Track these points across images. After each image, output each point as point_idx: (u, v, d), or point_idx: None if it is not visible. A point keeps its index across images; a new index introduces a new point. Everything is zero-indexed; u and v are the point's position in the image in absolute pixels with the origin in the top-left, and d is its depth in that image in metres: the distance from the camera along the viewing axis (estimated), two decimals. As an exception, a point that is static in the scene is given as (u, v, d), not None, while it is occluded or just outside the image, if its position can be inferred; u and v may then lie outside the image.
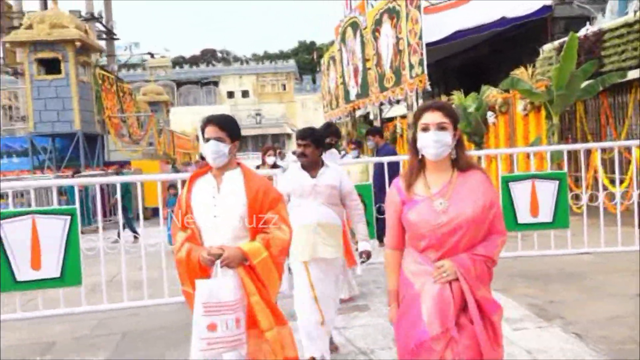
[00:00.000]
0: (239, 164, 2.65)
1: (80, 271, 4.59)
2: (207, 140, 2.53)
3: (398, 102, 17.37)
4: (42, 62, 13.12)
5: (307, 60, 73.64)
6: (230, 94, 60.62)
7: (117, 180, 6.49)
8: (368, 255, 3.56)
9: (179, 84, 60.26)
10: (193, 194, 2.60)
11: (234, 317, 2.40)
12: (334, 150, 5.47)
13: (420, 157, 2.15)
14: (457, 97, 13.69)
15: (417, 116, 2.18)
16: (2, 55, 18.55)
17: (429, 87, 14.50)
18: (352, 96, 20.63)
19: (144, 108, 21.31)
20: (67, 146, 14.08)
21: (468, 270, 2.05)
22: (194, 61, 73.51)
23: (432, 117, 2.12)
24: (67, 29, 12.71)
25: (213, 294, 2.39)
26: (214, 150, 2.51)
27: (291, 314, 3.54)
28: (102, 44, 19.52)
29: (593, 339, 3.69)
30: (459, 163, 2.14)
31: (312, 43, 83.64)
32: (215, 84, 61.35)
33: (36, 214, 4.45)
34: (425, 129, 2.11)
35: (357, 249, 3.78)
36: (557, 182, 5.50)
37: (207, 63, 67.30)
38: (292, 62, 65.30)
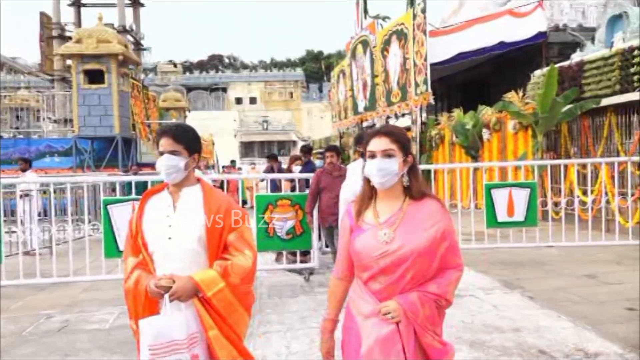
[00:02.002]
0: (199, 180, 2.34)
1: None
2: (161, 153, 2.22)
3: (403, 115, 18.75)
4: (87, 72, 14.72)
5: (314, 69, 75.20)
6: (239, 100, 61.44)
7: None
8: None
9: (189, 89, 61.60)
10: (145, 213, 2.27)
11: (189, 355, 2.07)
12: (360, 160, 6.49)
13: (372, 183, 2.01)
14: (457, 114, 15.27)
15: (367, 141, 2.04)
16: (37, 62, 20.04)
17: (432, 102, 16.08)
18: (360, 109, 22.12)
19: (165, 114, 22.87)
20: (103, 148, 15.63)
21: (416, 312, 1.88)
22: (201, 66, 75.14)
23: (378, 144, 1.98)
24: (111, 44, 14.31)
25: (161, 334, 2.05)
26: (167, 165, 2.19)
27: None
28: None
29: (541, 299, 5.17)
30: (411, 191, 1.99)
31: (320, 52, 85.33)
32: (224, 90, 62.32)
33: (134, 200, 5.97)
34: (372, 156, 1.99)
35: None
36: (529, 189, 7.02)
37: (215, 69, 68.86)
38: (299, 70, 66.36)
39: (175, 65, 42.04)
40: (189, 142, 2.25)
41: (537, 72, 13.96)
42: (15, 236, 6.95)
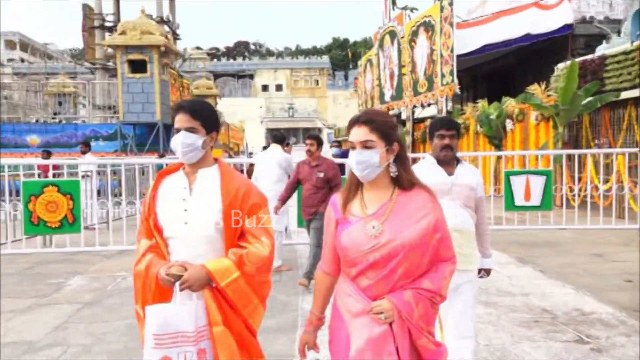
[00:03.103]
0: (216, 160, 2.20)
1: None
2: (178, 130, 2.08)
3: (429, 105, 19.26)
4: (130, 62, 15.67)
5: (340, 56, 75.49)
6: (265, 87, 61.63)
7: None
8: (488, 273, 3.17)
9: (216, 76, 62.44)
10: (159, 195, 2.15)
11: (195, 349, 1.97)
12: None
13: None
14: (481, 104, 15.79)
15: (347, 131, 1.94)
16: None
17: (458, 92, 16.58)
18: (387, 97, 22.70)
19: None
20: (145, 133, 16.63)
21: (411, 312, 1.78)
22: (227, 53, 76.00)
23: (357, 134, 1.87)
24: (154, 36, 15.22)
25: (168, 323, 1.95)
26: (184, 142, 2.05)
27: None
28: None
29: (550, 272, 5.86)
30: (400, 181, 1.87)
31: (346, 40, 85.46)
32: (251, 77, 62.85)
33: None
34: (353, 147, 1.88)
35: None
36: (545, 177, 7.66)
37: (241, 55, 69.49)
38: (325, 58, 66.45)
39: (216, 55, 42.58)
40: (206, 118, 2.10)
41: (561, 65, 14.36)
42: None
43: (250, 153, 25.95)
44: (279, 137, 6.83)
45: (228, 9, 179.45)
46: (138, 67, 15.65)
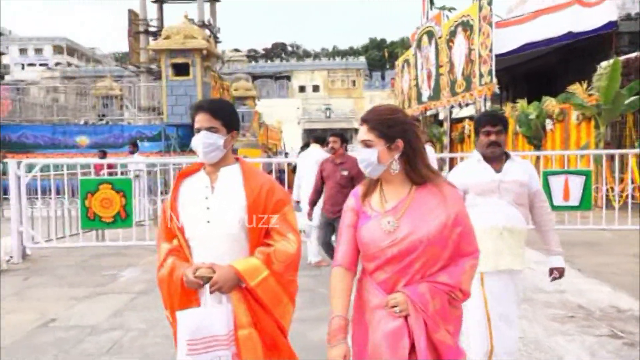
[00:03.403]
0: (237, 159, 2.18)
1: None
2: (198, 130, 2.06)
3: (467, 105, 19.21)
4: (174, 65, 16.25)
5: (377, 57, 75.51)
6: (302, 88, 61.91)
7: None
8: (561, 273, 2.98)
9: (254, 77, 63.33)
10: (181, 195, 2.12)
11: (229, 352, 1.96)
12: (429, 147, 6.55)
13: None
14: (520, 104, 15.65)
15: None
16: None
17: (497, 91, 16.44)
18: (424, 98, 22.69)
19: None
20: (187, 135, 17.17)
21: (425, 304, 1.75)
22: (265, 54, 77.03)
23: (359, 133, 1.89)
24: (197, 40, 15.77)
25: (200, 328, 1.93)
26: (205, 142, 2.03)
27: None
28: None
29: (587, 271, 5.90)
30: (412, 177, 1.86)
31: (383, 40, 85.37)
32: (288, 78, 63.47)
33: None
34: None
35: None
36: (584, 177, 7.64)
37: (278, 57, 70.25)
38: (362, 59, 66.52)
39: (253, 57, 43.40)
40: (227, 117, 2.09)
41: (604, 64, 14.08)
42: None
43: (287, 153, 26.36)
44: (319, 136, 7.09)
45: (265, 10, 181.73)
46: (181, 70, 16.22)
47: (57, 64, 67.58)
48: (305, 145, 9.84)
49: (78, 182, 7.20)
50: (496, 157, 2.88)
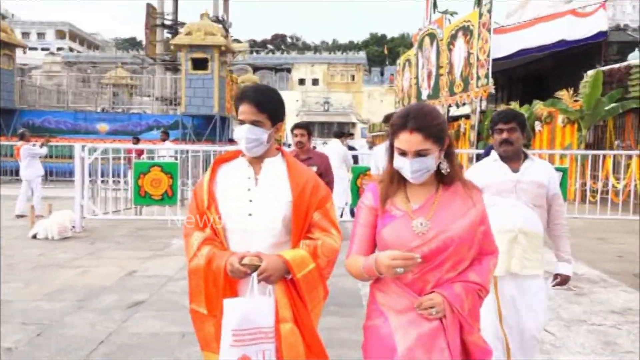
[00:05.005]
0: (279, 149, 2.08)
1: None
2: (242, 122, 1.94)
3: (464, 104, 20.41)
4: (193, 60, 17.41)
5: (377, 52, 76.32)
6: (302, 81, 62.37)
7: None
8: (565, 280, 2.87)
9: (254, 68, 63.79)
10: (219, 184, 2.01)
11: (273, 346, 1.85)
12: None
13: None
14: (513, 106, 16.92)
15: (393, 131, 1.79)
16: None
17: (493, 92, 17.62)
18: (424, 96, 23.86)
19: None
20: (202, 124, 18.38)
21: (462, 305, 1.72)
22: (264, 45, 77.41)
23: (410, 142, 1.73)
24: (215, 37, 16.93)
25: (247, 319, 1.82)
26: (248, 137, 1.93)
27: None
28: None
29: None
30: (446, 177, 1.81)
31: (383, 36, 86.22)
32: (288, 70, 63.83)
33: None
34: (402, 153, 1.76)
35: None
36: (561, 173, 8.94)
37: (278, 48, 70.60)
38: (362, 54, 66.79)
39: (262, 47, 44.22)
40: (273, 110, 1.97)
41: (589, 72, 15.40)
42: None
43: (289, 145, 27.51)
44: (338, 132, 8.35)
45: (265, 1, 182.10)
46: (200, 64, 17.37)
47: (59, 49, 68.13)
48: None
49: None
50: (513, 157, 2.79)
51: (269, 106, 1.96)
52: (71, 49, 68.38)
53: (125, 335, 3.99)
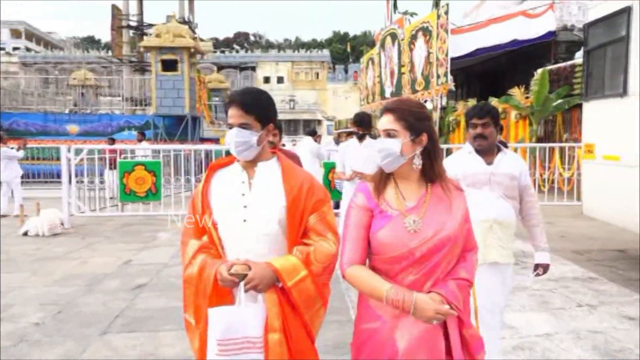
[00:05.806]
0: (274, 153, 2.04)
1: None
2: (231, 126, 1.90)
3: (425, 101, 21.36)
4: (163, 61, 17.77)
5: (340, 50, 77.21)
6: (267, 79, 62.36)
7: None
8: (545, 269, 3.00)
9: (219, 67, 63.45)
10: (213, 190, 1.98)
11: (262, 356, 1.81)
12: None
13: None
14: (470, 103, 17.97)
15: (380, 117, 1.84)
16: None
17: (453, 88, 18.63)
18: (387, 94, 24.76)
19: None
20: (173, 124, 18.74)
21: (459, 302, 1.75)
22: (227, 44, 77.14)
23: (382, 122, 1.81)
24: (184, 39, 17.33)
25: (233, 328, 1.78)
26: (237, 141, 1.89)
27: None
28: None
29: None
30: (429, 174, 1.83)
31: (346, 34, 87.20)
32: (253, 69, 63.76)
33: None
34: (380, 134, 1.81)
35: None
36: (513, 164, 9.90)
37: (241, 46, 70.35)
38: (326, 52, 67.33)
39: (232, 47, 44.39)
40: (261, 111, 1.94)
41: (539, 71, 16.55)
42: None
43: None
44: (310, 131, 9.03)
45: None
46: (170, 66, 17.74)
47: (15, 48, 66.41)
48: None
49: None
50: (487, 150, 2.90)
51: (256, 108, 1.93)
52: (28, 49, 66.66)
53: (137, 310, 4.59)
